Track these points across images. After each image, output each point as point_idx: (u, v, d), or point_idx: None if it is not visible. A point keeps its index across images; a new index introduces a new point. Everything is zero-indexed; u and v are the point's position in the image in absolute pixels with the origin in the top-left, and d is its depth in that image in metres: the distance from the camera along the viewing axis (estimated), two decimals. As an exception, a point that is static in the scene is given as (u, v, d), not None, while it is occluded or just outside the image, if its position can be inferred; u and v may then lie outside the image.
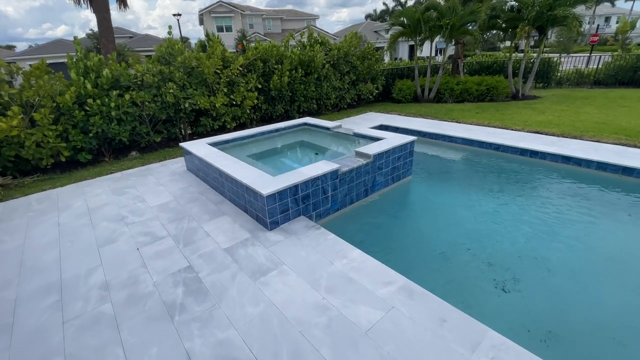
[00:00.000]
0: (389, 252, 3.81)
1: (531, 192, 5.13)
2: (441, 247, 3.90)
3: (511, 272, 3.38)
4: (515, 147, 6.48)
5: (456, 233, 4.21)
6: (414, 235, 4.26)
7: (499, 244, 3.90)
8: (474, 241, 3.99)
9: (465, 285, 3.31)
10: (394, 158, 5.19)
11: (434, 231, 4.33)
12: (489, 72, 14.72)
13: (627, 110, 9.17)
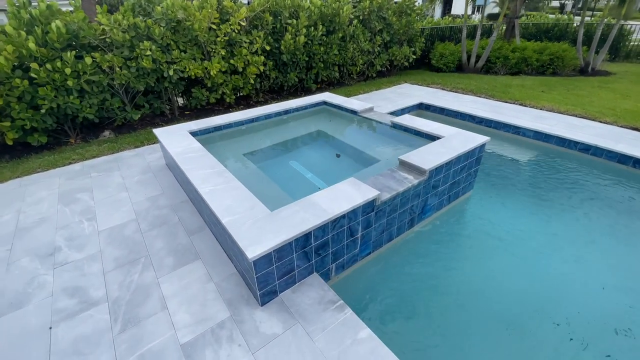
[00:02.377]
0: (436, 329, 2.33)
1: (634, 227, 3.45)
2: (509, 314, 2.55)
3: None
4: (613, 150, 4.65)
5: (531, 288, 2.76)
6: (472, 295, 2.75)
7: (592, 310, 2.44)
8: (555, 304, 2.63)
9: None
10: (455, 170, 3.52)
11: (498, 285, 2.82)
12: (547, 37, 12.07)
13: None
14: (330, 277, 2.74)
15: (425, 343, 2.40)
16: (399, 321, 2.57)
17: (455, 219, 3.74)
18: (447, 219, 3.70)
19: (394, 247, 3.24)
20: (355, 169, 3.80)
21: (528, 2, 13.23)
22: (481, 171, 4.55)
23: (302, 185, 3.66)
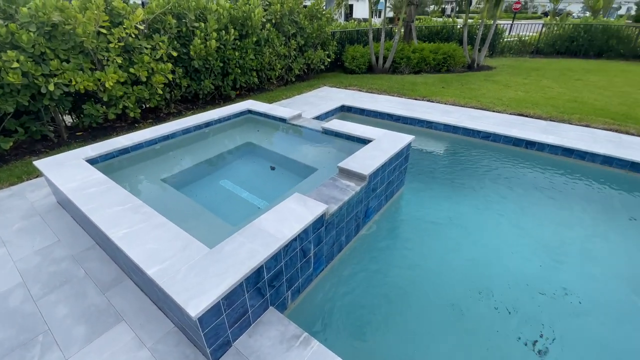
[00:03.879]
0: (391, 327, 2.33)
1: (546, 200, 4.08)
2: (451, 294, 2.77)
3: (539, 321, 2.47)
4: (508, 135, 5.41)
5: (464, 267, 3.03)
6: (418, 283, 2.85)
7: (518, 280, 2.84)
8: (485, 279, 2.92)
9: (488, 343, 2.35)
10: (389, 171, 3.60)
11: (440, 269, 3.01)
12: (438, 38, 13.70)
13: (583, 84, 8.90)
14: (287, 305, 2.50)
15: (398, 349, 2.35)
16: (366, 331, 2.48)
17: (393, 216, 3.84)
18: (387, 217, 3.77)
19: (345, 256, 3.15)
20: (293, 181, 3.61)
21: (418, 7, 14.81)
22: (409, 167, 4.82)
23: (240, 207, 3.31)
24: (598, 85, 8.54)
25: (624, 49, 12.86)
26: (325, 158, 4.01)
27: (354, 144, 3.95)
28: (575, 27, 13.45)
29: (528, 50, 14.28)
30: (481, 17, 11.32)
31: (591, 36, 13.14)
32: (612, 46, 12.91)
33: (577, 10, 39.83)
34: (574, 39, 13.40)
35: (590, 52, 13.25)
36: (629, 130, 5.49)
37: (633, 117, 6.07)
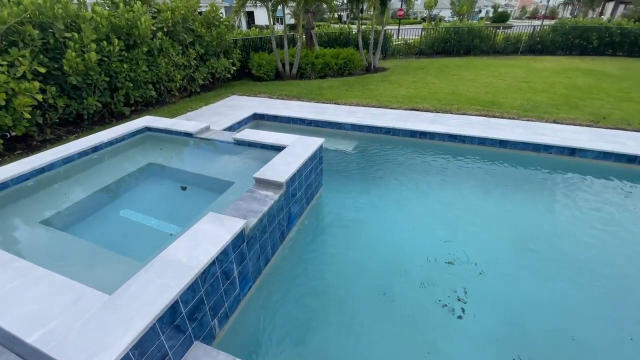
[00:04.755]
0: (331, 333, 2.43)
1: (441, 181, 4.70)
2: (379, 280, 3.01)
3: (453, 288, 2.88)
4: (405, 129, 6.05)
5: (386, 253, 3.32)
6: (347, 277, 3.00)
7: (430, 255, 3.25)
8: (406, 260, 3.24)
9: (419, 319, 2.62)
10: (306, 174, 3.66)
11: (365, 260, 3.23)
12: (337, 44, 14.60)
13: (458, 79, 10.50)
14: (215, 334, 2.32)
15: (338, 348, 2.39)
16: (307, 336, 2.46)
17: (316, 217, 3.93)
18: (310, 219, 3.84)
19: (274, 266, 3.09)
20: (209, 198, 3.38)
21: (316, 15, 15.55)
22: (324, 168, 4.99)
23: (147, 238, 2.96)
24: (469, 79, 10.20)
25: (485, 46, 15.61)
26: (240, 170, 3.87)
27: (269, 152, 3.91)
28: (447, 30, 15.81)
29: (413, 52, 16.22)
30: (371, 23, 12.44)
31: (460, 37, 15.61)
32: (477, 44, 15.56)
33: (448, 15, 46.99)
34: (447, 40, 15.73)
35: (460, 51, 15.72)
36: (494, 114, 6.68)
37: (497, 103, 7.41)
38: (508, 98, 7.78)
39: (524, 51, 15.24)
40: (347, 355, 2.37)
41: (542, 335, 2.54)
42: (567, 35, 14.67)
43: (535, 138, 5.44)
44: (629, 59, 13.66)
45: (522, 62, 13.01)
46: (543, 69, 11.43)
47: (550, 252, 3.40)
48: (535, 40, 15.11)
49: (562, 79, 9.75)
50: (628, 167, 4.88)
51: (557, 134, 5.60)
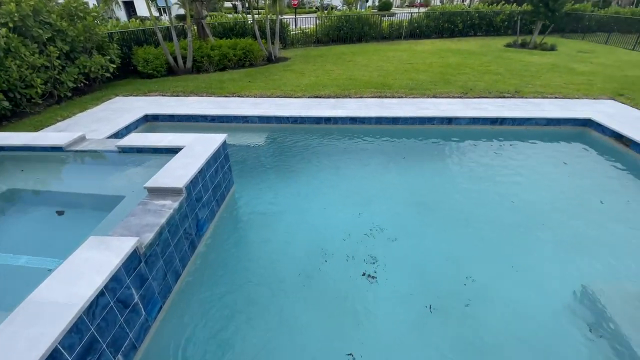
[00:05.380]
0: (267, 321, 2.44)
1: (350, 161, 4.99)
2: (302, 265, 3.10)
3: (371, 256, 3.17)
4: (310, 116, 6.21)
5: (307, 238, 3.43)
6: (271, 269, 3.03)
7: (348, 231, 3.48)
8: (326, 240, 3.41)
9: (345, 293, 2.81)
10: (211, 175, 3.45)
11: (287, 249, 3.28)
12: (233, 34, 14.00)
13: (354, 64, 11.15)
14: (121, 371, 2.05)
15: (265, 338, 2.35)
16: (235, 340, 2.36)
17: (231, 218, 3.78)
18: (225, 221, 3.67)
19: (186, 281, 2.87)
20: (95, 219, 2.92)
21: (206, 4, 14.54)
22: (234, 164, 4.79)
23: (17, 281, 2.42)
24: (363, 64, 10.92)
25: (374, 33, 16.84)
26: (131, 181, 3.43)
27: (164, 157, 3.54)
28: (339, 18, 16.53)
29: (311, 41, 16.57)
30: (266, 13, 12.21)
31: (351, 25, 16.49)
32: (366, 32, 16.67)
33: (339, 4, 49.06)
34: (341, 28, 16.48)
35: (353, 38, 16.67)
36: (386, 95, 7.32)
37: (387, 85, 8.11)
38: (396, 79, 8.60)
39: (406, 36, 16.95)
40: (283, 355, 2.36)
41: (445, 281, 2.94)
42: (438, 20, 16.83)
43: (420, 112, 6.16)
44: (487, 38, 16.41)
45: (405, 46, 14.48)
46: (422, 51, 12.93)
47: (443, 210, 3.94)
48: (414, 26, 16.94)
49: (437, 59, 11.20)
50: (492, 128, 5.91)
51: (437, 107, 6.43)
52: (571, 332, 2.52)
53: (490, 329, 2.56)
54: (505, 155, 5.20)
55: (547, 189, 4.34)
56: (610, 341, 2.43)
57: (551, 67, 9.59)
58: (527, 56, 11.35)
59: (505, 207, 3.97)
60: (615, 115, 5.82)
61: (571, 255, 3.25)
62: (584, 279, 2.95)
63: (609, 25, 15.69)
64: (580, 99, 6.81)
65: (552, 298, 2.81)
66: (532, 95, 7.01)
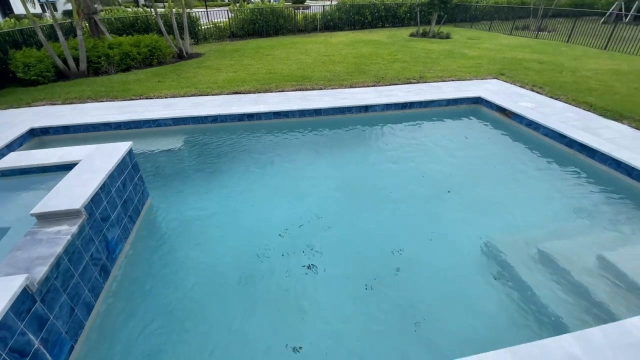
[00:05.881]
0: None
1: (277, 156, 4.98)
2: (243, 268, 3.03)
3: (309, 246, 3.23)
4: (232, 113, 5.99)
5: (240, 241, 3.35)
6: (205, 279, 2.91)
7: (283, 225, 3.54)
8: (262, 239, 3.39)
9: (285, 286, 2.84)
10: (117, 189, 3.10)
11: (220, 256, 3.19)
12: (135, 30, 12.68)
13: (272, 58, 11.03)
14: None
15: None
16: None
17: (151, 233, 3.47)
18: (144, 237, 3.36)
19: (100, 313, 2.56)
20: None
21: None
22: (147, 174, 4.39)
23: None
24: (282, 57, 10.85)
25: (290, 25, 16.81)
26: (15, 209, 2.90)
27: (55, 175, 3.07)
28: (252, 11, 16.09)
29: (226, 35, 15.86)
30: (170, 6, 11.28)
31: (266, 18, 16.20)
32: (282, 25, 16.55)
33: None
34: (255, 21, 16.08)
35: (269, 31, 16.42)
36: (307, 87, 7.41)
37: (307, 77, 8.21)
38: (315, 71, 8.76)
39: (321, 28, 17.32)
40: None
41: (378, 258, 3.15)
42: (349, 12, 17.51)
43: (340, 102, 6.39)
44: (393, 29, 17.62)
45: (321, 38, 14.79)
46: (337, 43, 13.37)
47: (371, 191, 4.19)
48: (327, 18, 17.37)
49: (352, 50, 11.70)
50: (403, 112, 6.43)
51: (354, 96, 6.74)
52: (480, 281, 2.93)
53: (418, 290, 2.84)
54: (416, 135, 5.72)
55: (452, 160, 4.91)
56: (509, 283, 2.89)
57: (448, 54, 10.77)
58: (428, 44, 12.54)
59: (420, 181, 4.39)
60: (498, 92, 6.81)
61: (475, 216, 3.74)
62: (487, 235, 3.43)
63: (491, 14, 18.18)
64: (471, 80, 7.80)
65: (463, 255, 3.21)
66: (433, 80, 7.80)
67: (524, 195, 4.11)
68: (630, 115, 5.45)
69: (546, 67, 8.83)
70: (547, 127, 5.13)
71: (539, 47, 11.88)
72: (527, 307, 2.68)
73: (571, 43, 12.61)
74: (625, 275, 2.88)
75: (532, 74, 8.14)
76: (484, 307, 2.72)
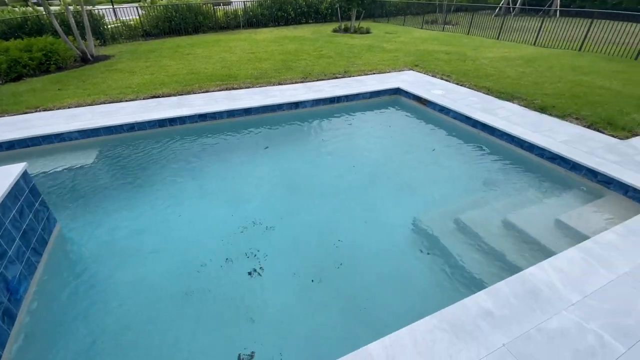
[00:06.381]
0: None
1: (210, 164, 4.77)
2: (183, 284, 2.82)
3: (251, 251, 3.12)
4: (151, 120, 5.54)
5: (172, 256, 3.19)
6: (151, 310, 2.71)
7: (223, 233, 3.42)
8: (200, 249, 3.25)
9: (231, 294, 2.74)
10: (13, 219, 2.67)
11: (162, 271, 2.99)
12: (25, 33, 10.92)
13: (193, 57, 10.42)
14: None
15: None
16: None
17: (65, 263, 3.07)
18: (56, 270, 2.95)
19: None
20: None
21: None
22: (54, 197, 3.87)
23: None
24: (204, 56, 10.32)
25: (210, 22, 16.01)
26: None
27: None
28: (166, 8, 14.95)
29: (139, 34, 14.52)
30: (64, 2, 9.89)
31: (183, 15, 15.18)
32: (201, 21, 15.69)
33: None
34: (171, 19, 14.96)
35: (188, 29, 15.45)
36: (233, 86, 7.18)
37: (233, 76, 7.95)
38: (241, 69, 8.52)
39: (244, 25, 16.85)
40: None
41: (323, 250, 3.22)
42: (271, 9, 17.32)
43: (269, 100, 6.32)
44: (317, 25, 17.92)
45: (245, 35, 14.40)
46: (262, 40, 13.16)
47: (308, 186, 4.27)
48: (250, 14, 16.96)
49: (277, 47, 11.63)
50: (331, 107, 6.61)
51: (283, 94, 6.73)
52: (410, 255, 3.21)
53: (359, 275, 2.99)
54: (345, 127, 5.95)
55: (379, 148, 5.23)
56: (435, 254, 3.19)
57: (368, 48, 11.34)
58: (350, 40, 13.05)
59: (352, 171, 4.58)
60: (414, 82, 7.41)
61: (403, 197, 4.05)
62: (414, 213, 3.74)
63: (404, 9, 19.56)
64: (390, 72, 8.35)
65: (395, 234, 3.47)
66: (357, 74, 8.16)
67: (442, 174, 4.57)
68: (519, 96, 6.38)
69: (452, 57, 9.85)
70: (456, 111, 5.75)
71: (445, 39, 13.17)
72: (451, 272, 3.01)
73: (471, 35, 14.24)
74: (524, 232, 3.39)
75: (441, 64, 9.01)
76: (417, 279, 2.98)
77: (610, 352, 2.03)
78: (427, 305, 2.70)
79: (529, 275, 2.58)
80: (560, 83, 7.21)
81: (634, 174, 3.83)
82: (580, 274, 2.57)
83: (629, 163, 4.07)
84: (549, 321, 2.21)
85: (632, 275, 2.57)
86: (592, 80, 7.38)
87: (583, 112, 5.54)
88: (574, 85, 7.00)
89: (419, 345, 2.03)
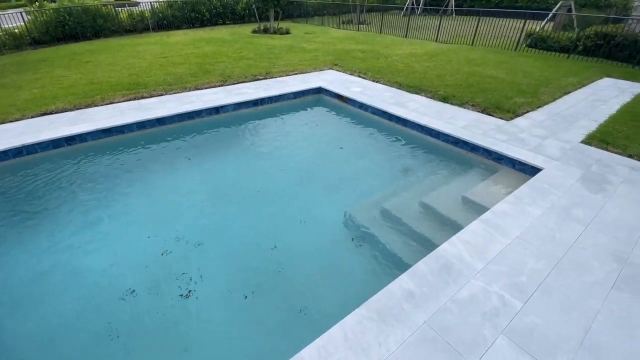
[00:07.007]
0: None
1: (125, 184, 4.29)
2: (105, 320, 2.55)
3: (180, 272, 2.99)
4: (40, 141, 4.77)
5: (101, 285, 2.86)
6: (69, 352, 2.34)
7: (149, 258, 3.17)
8: (128, 275, 2.98)
9: (163, 323, 2.57)
10: None
11: (78, 312, 2.62)
12: None
13: (94, 65, 9.29)
14: None
15: None
16: None
17: None
18: None
19: None
20: None
21: None
22: None
23: None
24: (107, 63, 9.26)
25: (113, 26, 14.42)
26: None
27: None
28: (57, 11, 13.05)
29: (26, 43, 12.44)
30: None
31: (78, 18, 13.41)
32: (102, 25, 14.05)
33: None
34: (65, 23, 13.10)
35: (87, 34, 13.72)
36: (143, 95, 6.57)
37: (142, 83, 7.27)
38: (152, 76, 7.84)
39: (154, 28, 15.58)
40: None
41: (261, 258, 3.13)
42: (183, 10, 16.31)
43: (186, 107, 5.93)
44: (235, 26, 17.38)
45: (155, 38, 13.31)
46: (176, 42, 12.30)
47: (239, 195, 4.13)
48: (159, 16, 15.73)
49: (193, 49, 10.99)
50: (255, 110, 6.47)
51: (201, 99, 6.37)
52: (343, 246, 3.32)
53: (299, 277, 2.97)
54: (271, 130, 5.89)
55: (308, 148, 5.28)
56: (364, 243, 3.34)
57: (289, 49, 11.39)
58: (270, 40, 12.96)
59: (282, 173, 4.55)
60: (334, 80, 7.66)
61: (334, 193, 4.16)
62: (345, 206, 3.86)
63: (321, 10, 20.08)
64: (311, 72, 8.50)
65: (331, 228, 3.56)
66: (279, 75, 8.13)
67: (366, 167, 4.80)
68: (426, 88, 7.02)
69: (367, 55, 10.42)
70: (373, 107, 6.09)
71: (361, 38, 13.88)
72: (379, 259, 3.18)
73: (383, 34, 15.25)
74: (437, 212, 3.74)
75: (358, 62, 9.46)
76: (351, 270, 3.09)
77: (511, 309, 2.34)
78: (360, 294, 2.79)
79: (442, 251, 2.84)
80: (458, 75, 8.13)
81: (519, 149, 4.49)
82: (483, 243, 2.92)
83: (514, 140, 4.76)
84: (460, 291, 2.46)
85: (522, 238, 3.01)
86: (483, 71, 8.47)
87: (477, 99, 6.33)
88: (469, 76, 7.95)
89: (349, 340, 2.08)
